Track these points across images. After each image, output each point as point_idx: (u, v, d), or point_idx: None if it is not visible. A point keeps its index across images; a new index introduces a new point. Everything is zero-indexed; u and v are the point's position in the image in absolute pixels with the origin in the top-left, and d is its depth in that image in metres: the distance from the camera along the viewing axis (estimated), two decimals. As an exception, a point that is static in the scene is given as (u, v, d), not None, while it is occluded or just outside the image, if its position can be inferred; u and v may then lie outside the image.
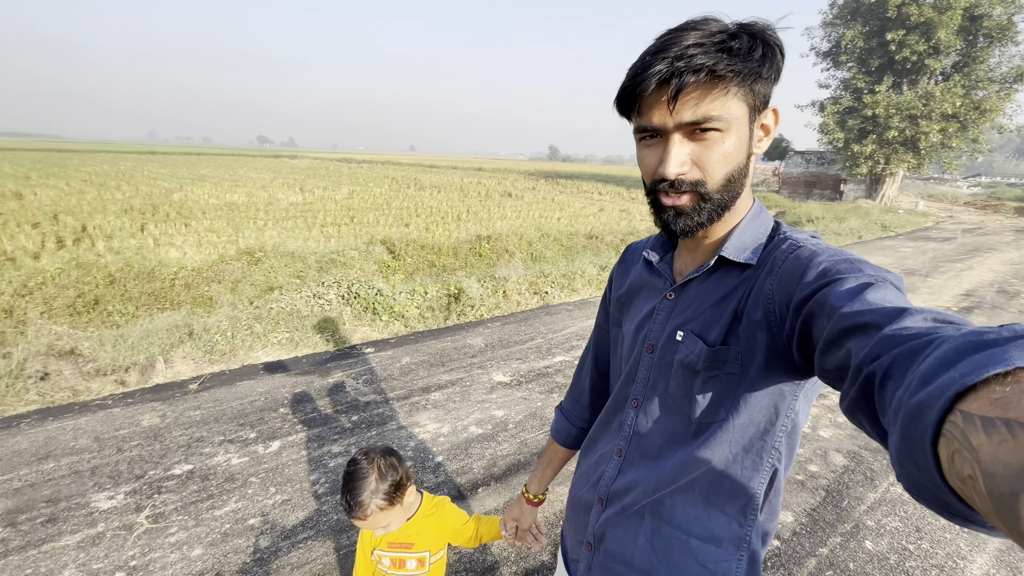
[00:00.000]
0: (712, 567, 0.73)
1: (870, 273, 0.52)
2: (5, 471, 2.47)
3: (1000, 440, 0.26)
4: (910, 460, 0.32)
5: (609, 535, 0.80)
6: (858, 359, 0.43)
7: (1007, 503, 0.25)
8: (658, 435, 0.75)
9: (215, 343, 4.12)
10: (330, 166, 38.87)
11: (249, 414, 3.10)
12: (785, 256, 0.64)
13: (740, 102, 0.60)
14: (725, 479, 0.71)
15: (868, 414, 0.41)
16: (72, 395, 3.39)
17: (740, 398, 0.67)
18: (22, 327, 4.66)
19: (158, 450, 2.69)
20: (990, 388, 0.29)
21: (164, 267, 6.33)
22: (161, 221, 11.17)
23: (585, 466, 0.89)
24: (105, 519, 2.17)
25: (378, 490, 1.00)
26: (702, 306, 0.71)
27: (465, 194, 21.84)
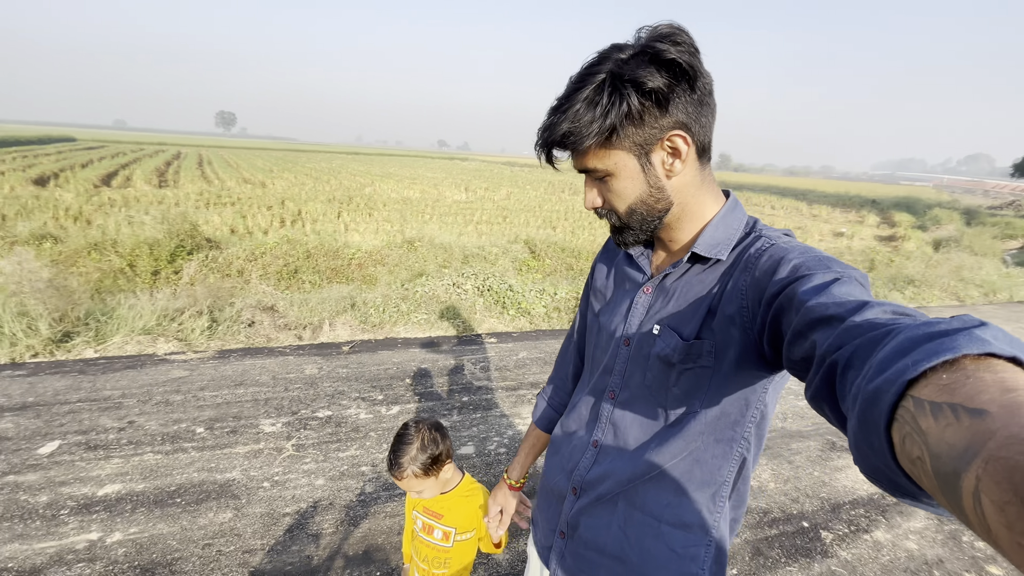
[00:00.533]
0: (681, 551, 0.77)
1: (837, 270, 0.55)
2: (215, 389, 3.27)
3: (946, 423, 0.28)
4: (866, 443, 0.34)
5: (583, 523, 0.83)
6: (822, 349, 0.45)
7: (950, 482, 0.26)
8: (634, 426, 0.78)
9: (369, 315, 4.82)
10: (495, 169, 41.63)
11: (381, 379, 3.57)
12: (759, 253, 0.66)
13: (616, 151, 0.68)
14: (697, 468, 0.74)
15: (830, 402, 0.43)
16: (266, 341, 4.30)
17: (713, 390, 0.70)
18: (244, 285, 6.04)
19: (311, 395, 3.28)
20: (939, 375, 0.31)
21: (347, 248, 7.58)
22: (353, 210, 13.31)
23: (558, 455, 0.91)
24: (265, 440, 2.73)
25: (416, 458, 1.08)
26: (678, 301, 0.74)
27: (618, 200, 21.47)
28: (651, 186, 0.70)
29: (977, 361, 0.31)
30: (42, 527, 2.03)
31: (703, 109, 0.67)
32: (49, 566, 1.85)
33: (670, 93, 0.64)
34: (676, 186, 0.70)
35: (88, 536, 2.00)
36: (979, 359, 0.31)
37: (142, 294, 4.90)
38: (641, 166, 0.68)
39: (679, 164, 0.68)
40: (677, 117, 0.65)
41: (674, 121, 0.65)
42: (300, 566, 1.92)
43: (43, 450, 2.53)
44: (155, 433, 2.73)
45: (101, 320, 4.23)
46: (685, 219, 0.73)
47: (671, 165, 0.69)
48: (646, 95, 0.63)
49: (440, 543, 1.18)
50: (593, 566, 0.82)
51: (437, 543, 1.18)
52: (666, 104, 0.64)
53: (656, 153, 0.68)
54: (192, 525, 2.08)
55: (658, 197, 0.70)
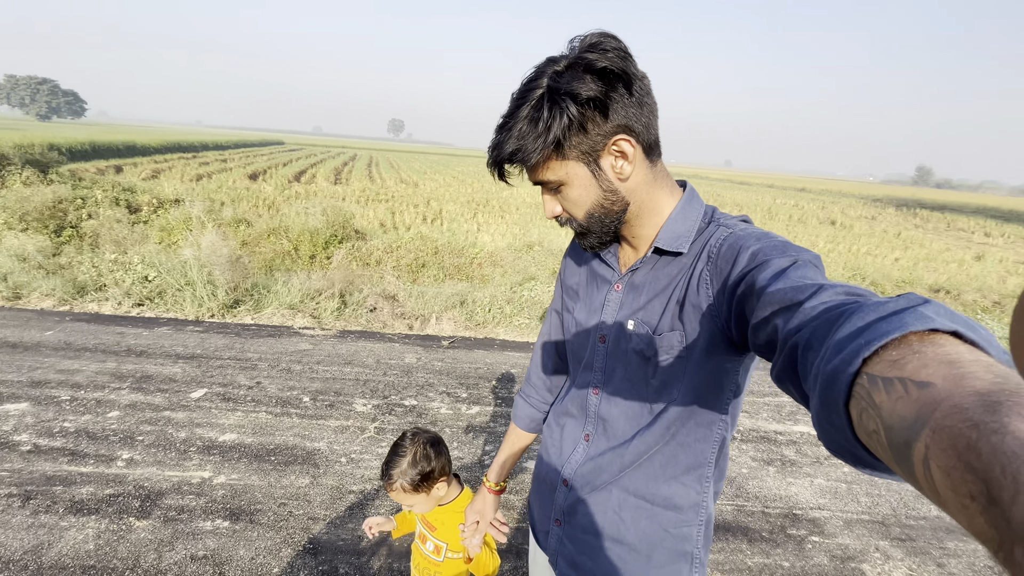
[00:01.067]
0: (674, 531, 0.82)
1: (792, 254, 0.58)
2: (327, 364, 3.67)
3: (897, 397, 0.29)
4: (828, 421, 0.36)
5: (579, 511, 0.86)
6: (783, 332, 0.47)
7: (903, 451, 0.28)
8: (620, 419, 0.81)
9: (474, 313, 4.98)
10: (635, 177, 40.28)
11: (470, 377, 3.65)
12: (719, 243, 0.69)
13: (564, 161, 0.69)
14: (681, 452, 0.79)
15: (794, 382, 0.45)
16: (382, 326, 4.71)
17: (689, 378, 0.73)
18: (380, 274, 6.71)
19: (403, 382, 3.48)
20: (889, 352, 0.33)
21: (472, 247, 7.98)
22: (488, 212, 13.99)
23: (550, 447, 0.93)
24: (354, 418, 2.97)
25: (406, 473, 1.05)
26: (647, 296, 0.76)
27: (771, 216, 19.21)
28: (604, 190, 0.71)
29: (922, 337, 0.32)
30: (174, 459, 2.47)
31: (643, 109, 0.68)
32: (169, 492, 2.23)
33: (607, 99, 0.65)
34: (629, 187, 0.72)
35: (202, 473, 2.37)
36: (924, 335, 0.33)
37: (300, 274, 5.75)
38: (592, 172, 0.70)
39: (628, 166, 0.70)
40: (619, 121, 0.67)
41: (616, 125, 0.67)
42: (350, 544, 2.03)
43: (194, 395, 3.09)
44: (272, 396, 3.15)
45: (262, 293, 5.06)
46: (644, 215, 0.75)
47: (620, 168, 0.70)
48: (584, 104, 0.65)
49: (431, 555, 1.15)
50: (593, 549, 0.85)
51: (429, 555, 1.15)
52: (606, 110, 0.66)
53: (604, 158, 0.70)
54: (276, 483, 2.35)
55: (613, 200, 0.72)
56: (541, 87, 0.66)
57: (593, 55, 0.64)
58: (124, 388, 3.10)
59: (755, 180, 53.84)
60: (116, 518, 2.07)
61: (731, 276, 0.63)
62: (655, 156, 0.73)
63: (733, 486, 2.58)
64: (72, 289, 4.75)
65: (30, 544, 1.91)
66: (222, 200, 11.19)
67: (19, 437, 2.55)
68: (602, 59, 0.64)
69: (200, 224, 7.34)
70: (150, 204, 8.57)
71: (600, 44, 0.65)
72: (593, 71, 0.64)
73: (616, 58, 0.64)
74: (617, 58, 0.64)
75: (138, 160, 20.58)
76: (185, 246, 6.11)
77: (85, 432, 2.63)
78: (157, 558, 1.89)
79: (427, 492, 1.08)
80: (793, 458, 2.88)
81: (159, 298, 4.73)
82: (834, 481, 2.68)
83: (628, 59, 0.66)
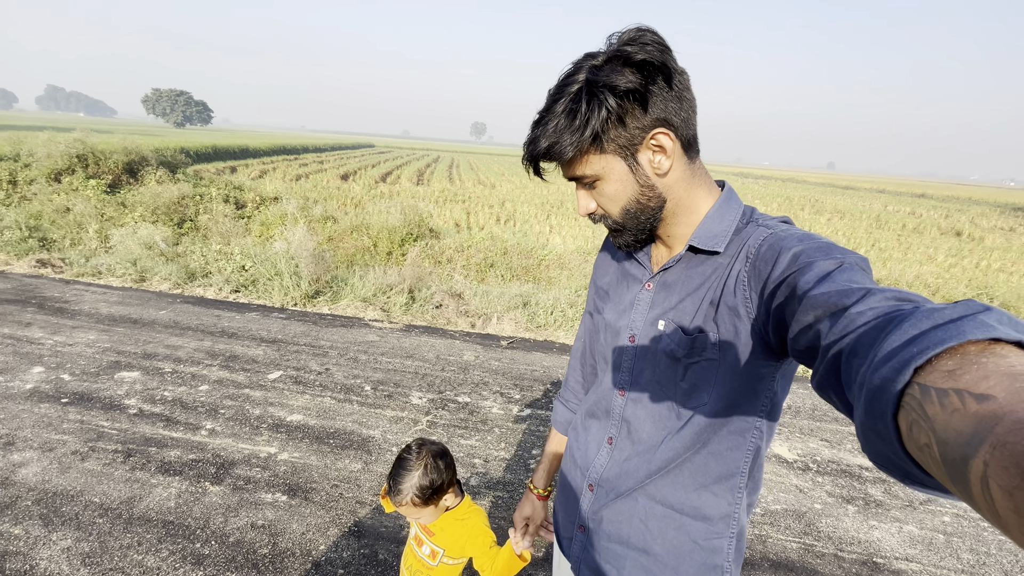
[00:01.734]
0: (704, 544, 0.78)
1: (838, 256, 0.55)
2: (390, 356, 3.84)
3: (953, 409, 0.28)
4: (873, 431, 0.34)
5: (605, 517, 0.83)
6: (827, 338, 0.45)
7: (959, 468, 0.26)
8: (646, 422, 0.78)
9: (536, 315, 4.96)
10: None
11: (525, 379, 3.64)
12: (758, 243, 0.67)
13: (601, 155, 0.68)
14: (712, 460, 0.75)
15: (836, 390, 0.43)
16: (446, 323, 4.84)
17: (721, 382, 0.71)
18: (448, 271, 6.91)
19: (460, 379, 3.55)
20: (944, 361, 0.31)
21: (541, 249, 7.98)
22: (562, 214, 13.91)
23: (575, 450, 0.91)
24: (409, 410, 3.08)
25: (416, 486, 1.03)
26: (680, 295, 0.74)
27: (879, 224, 17.24)
28: (641, 185, 0.70)
29: (982, 346, 0.31)
30: (248, 433, 2.70)
31: (683, 104, 0.66)
32: (239, 463, 2.45)
33: (646, 92, 0.64)
34: (667, 183, 0.70)
35: (269, 449, 2.58)
36: (984, 344, 0.31)
37: (377, 269, 6.08)
38: (629, 167, 0.69)
39: (666, 161, 0.68)
40: (657, 115, 0.65)
41: (655, 119, 0.65)
42: (392, 532, 2.09)
43: (271, 376, 3.37)
44: (338, 382, 3.35)
45: (340, 286, 5.42)
46: (680, 214, 0.73)
47: (658, 162, 0.68)
48: (623, 97, 0.64)
49: (426, 559, 1.13)
50: (619, 558, 0.83)
51: (424, 558, 1.14)
52: (645, 103, 0.64)
53: (642, 153, 0.68)
54: (332, 465, 2.49)
55: (650, 196, 0.71)
56: (578, 81, 0.65)
57: (632, 48, 0.63)
58: (215, 365, 3.46)
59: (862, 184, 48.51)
60: (195, 481, 2.30)
61: (771, 278, 0.61)
62: (693, 153, 0.71)
63: (802, 522, 2.33)
64: (184, 275, 5.40)
65: (125, 496, 2.18)
66: (315, 198, 12.14)
67: (128, 401, 2.93)
68: (641, 52, 0.63)
69: (293, 220, 8.02)
70: (253, 201, 9.52)
71: (639, 38, 0.64)
72: (632, 64, 0.63)
73: (655, 51, 0.63)
74: (656, 51, 0.63)
75: (249, 161, 22.96)
76: (278, 240, 6.71)
77: (179, 402, 2.96)
78: (223, 522, 2.07)
79: (435, 504, 1.07)
80: (880, 498, 2.55)
81: (252, 286, 5.23)
82: (929, 530, 2.33)
83: (667, 52, 0.64)
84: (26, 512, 2.05)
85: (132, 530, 2.00)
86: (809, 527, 2.30)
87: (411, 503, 1.04)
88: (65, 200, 7.88)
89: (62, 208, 7.64)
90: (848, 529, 2.30)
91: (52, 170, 8.98)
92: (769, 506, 2.43)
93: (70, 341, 3.67)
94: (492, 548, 1.08)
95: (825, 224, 15.87)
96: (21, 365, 3.26)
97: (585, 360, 1.01)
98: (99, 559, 1.85)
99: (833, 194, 31.35)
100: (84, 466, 2.35)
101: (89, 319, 4.12)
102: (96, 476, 2.29)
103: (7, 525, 1.97)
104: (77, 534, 1.96)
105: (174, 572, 1.83)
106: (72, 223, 7.16)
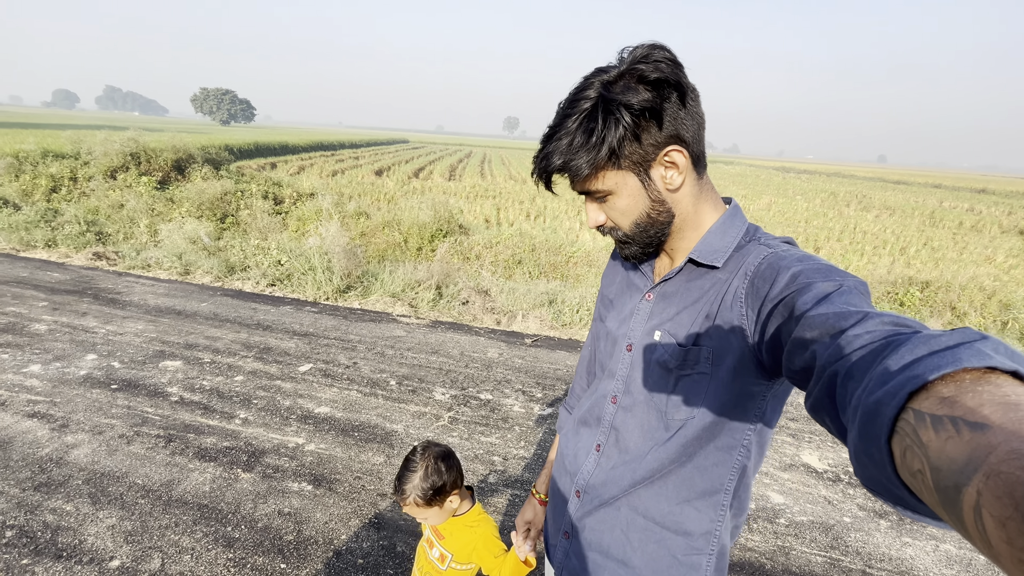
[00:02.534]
0: (683, 559, 0.78)
1: (837, 279, 0.55)
2: (415, 351, 3.91)
3: (947, 436, 0.28)
4: (867, 455, 0.34)
5: (587, 525, 0.85)
6: (822, 360, 0.45)
7: (951, 496, 0.26)
8: (635, 431, 0.79)
9: (562, 313, 4.95)
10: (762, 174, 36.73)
11: (548, 377, 3.64)
12: (758, 261, 0.67)
13: (616, 172, 0.69)
14: (697, 474, 0.75)
15: (831, 412, 0.43)
16: (471, 319, 4.89)
17: (711, 397, 0.71)
18: (476, 268, 6.96)
19: (483, 376, 3.59)
20: (939, 388, 0.31)
21: (570, 246, 7.93)
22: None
23: (565, 456, 0.92)
24: (432, 405, 3.13)
25: (418, 487, 1.07)
26: (678, 307, 0.75)
27: (933, 222, 16.28)
28: (653, 200, 0.71)
29: (978, 375, 0.31)
30: (278, 423, 2.82)
31: (694, 120, 0.68)
32: (268, 452, 2.56)
33: (661, 109, 0.65)
34: (676, 198, 0.72)
35: (297, 439, 2.68)
36: (980, 372, 0.31)
37: (407, 264, 6.20)
38: (641, 182, 0.70)
39: (678, 176, 0.69)
40: (671, 131, 0.66)
41: (669, 136, 0.66)
42: (410, 525, 2.15)
43: (301, 368, 3.50)
44: (365, 376, 3.45)
45: (370, 280, 5.55)
46: (686, 228, 0.75)
47: (671, 178, 0.70)
48: (639, 114, 0.65)
49: (436, 562, 1.16)
50: (598, 568, 0.83)
51: (434, 560, 1.17)
52: (660, 120, 0.65)
53: (655, 168, 0.69)
54: (356, 458, 2.57)
55: (660, 210, 0.72)
56: (591, 98, 0.66)
57: (646, 66, 0.64)
58: (250, 357, 3.62)
59: (916, 178, 45.82)
60: (228, 468, 2.42)
61: (768, 296, 0.61)
62: (702, 168, 0.73)
63: (829, 535, 2.25)
64: (225, 268, 5.65)
65: (165, 479, 2.32)
66: (350, 194, 12.45)
67: (171, 389, 3.11)
68: (655, 70, 0.64)
69: (328, 216, 8.26)
70: (291, 197, 9.84)
71: (651, 55, 0.64)
72: (646, 81, 0.64)
73: (669, 69, 0.64)
74: (670, 69, 0.64)
75: (289, 158, 23.73)
76: (312, 235, 6.92)
77: (216, 391, 3.12)
78: (253, 508, 2.18)
79: (440, 506, 1.10)
80: (915, 514, 2.43)
81: (287, 280, 5.43)
82: (969, 551, 2.21)
83: (680, 69, 0.65)
84: (77, 490, 2.21)
85: (170, 511, 2.13)
86: (836, 541, 2.22)
87: (414, 503, 1.07)
88: (120, 196, 8.37)
89: (117, 204, 8.13)
90: (879, 545, 2.21)
91: (108, 167, 9.54)
92: (794, 517, 2.36)
93: (120, 330, 3.91)
94: (499, 557, 1.10)
95: (873, 221, 15.10)
96: (77, 352, 3.50)
97: (591, 368, 1.01)
98: (139, 537, 1.98)
99: (883, 189, 29.75)
100: (129, 449, 2.51)
101: (138, 310, 4.38)
102: (139, 459, 2.44)
103: (60, 502, 2.14)
104: (121, 513, 2.10)
105: (206, 553, 1.94)
106: (125, 218, 7.60)
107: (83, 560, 1.87)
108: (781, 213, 15.63)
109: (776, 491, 2.54)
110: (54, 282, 4.96)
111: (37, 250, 6.12)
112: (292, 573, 1.88)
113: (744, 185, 24.36)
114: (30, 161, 9.77)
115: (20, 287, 4.74)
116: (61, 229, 6.66)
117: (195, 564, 1.89)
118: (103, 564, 1.86)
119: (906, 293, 6.34)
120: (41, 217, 7.01)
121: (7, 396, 2.90)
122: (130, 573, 1.83)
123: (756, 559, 2.09)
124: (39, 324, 3.92)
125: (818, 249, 10.65)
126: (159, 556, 1.91)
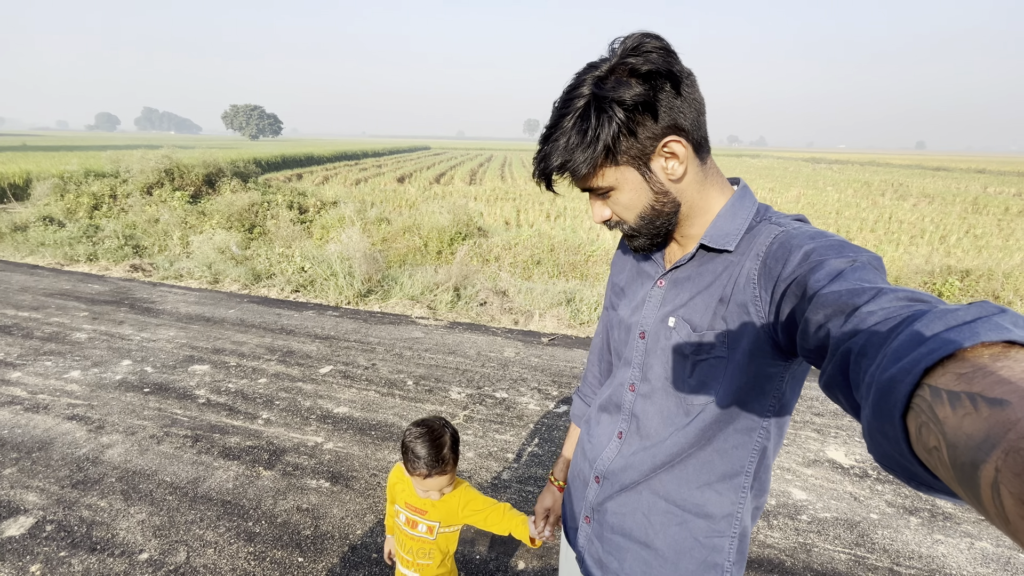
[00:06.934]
0: (704, 541, 0.79)
1: (850, 255, 0.54)
2: (433, 352, 3.96)
3: (964, 413, 0.28)
4: (880, 432, 0.34)
5: (609, 509, 0.86)
6: (836, 337, 0.45)
7: (968, 472, 0.26)
8: (655, 417, 0.79)
9: (579, 312, 4.92)
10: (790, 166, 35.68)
11: (564, 376, 3.63)
12: (769, 240, 0.66)
13: (615, 168, 0.68)
14: (717, 457, 0.76)
15: (844, 390, 0.43)
16: (489, 320, 4.91)
17: (729, 380, 0.71)
18: (495, 269, 7.00)
19: (499, 375, 3.60)
20: (956, 363, 0.30)
21: (589, 245, 7.89)
22: (611, 209, 13.63)
23: (585, 443, 0.93)
24: (447, 404, 3.17)
25: (453, 452, 1.15)
26: (690, 293, 0.75)
27: (976, 208, 15.50)
28: (656, 192, 0.70)
29: (996, 349, 0.30)
30: (298, 423, 2.90)
31: (691, 107, 0.67)
32: (288, 450, 2.64)
33: (655, 101, 0.64)
34: (680, 187, 0.71)
35: (316, 439, 2.75)
36: (998, 347, 0.30)
37: (427, 268, 6.29)
38: (643, 176, 0.69)
39: (679, 166, 0.69)
40: (668, 122, 0.66)
41: (666, 127, 0.66)
42: (424, 521, 2.17)
43: (322, 370, 3.59)
44: (383, 377, 3.51)
45: (391, 284, 5.65)
46: (694, 215, 0.74)
47: (672, 169, 0.69)
48: (632, 109, 0.64)
49: (424, 535, 1.21)
50: (620, 550, 0.84)
51: (421, 535, 1.21)
52: (655, 112, 0.65)
53: (655, 161, 0.69)
54: (372, 456, 2.62)
55: (664, 201, 0.71)
56: (584, 95, 0.65)
57: (636, 58, 0.63)
58: (273, 360, 3.73)
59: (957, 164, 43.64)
60: (250, 466, 2.51)
61: (781, 276, 0.60)
62: (705, 154, 0.72)
63: (855, 532, 2.17)
64: (251, 276, 5.85)
65: (191, 476, 2.42)
66: (372, 201, 12.69)
67: (199, 391, 3.23)
68: (646, 62, 0.63)
69: (350, 223, 8.44)
70: (315, 206, 10.10)
71: (642, 46, 0.63)
72: (638, 75, 0.63)
73: (660, 59, 0.63)
74: (661, 59, 0.63)
75: (314, 168, 24.38)
76: (334, 242, 7.09)
77: (241, 393, 3.23)
78: (273, 504, 2.25)
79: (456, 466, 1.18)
80: (949, 511, 2.31)
81: (310, 286, 5.57)
82: (1008, 548, 2.09)
83: (672, 57, 0.64)
84: (111, 488, 2.32)
85: (196, 507, 2.21)
86: (862, 538, 2.14)
87: (452, 463, 1.14)
88: (155, 211, 8.77)
89: (152, 218, 8.51)
90: (908, 542, 2.12)
91: (145, 184, 10.01)
92: (817, 513, 2.28)
93: (154, 337, 4.09)
94: (494, 506, 1.18)
95: (910, 210, 14.47)
96: (113, 358, 3.68)
97: (603, 356, 1.03)
98: (167, 532, 2.07)
99: (921, 176, 28.48)
100: (159, 449, 2.62)
101: (170, 317, 4.57)
102: (168, 458, 2.55)
103: (95, 498, 2.25)
104: (150, 509, 2.20)
105: (229, 547, 2.01)
106: (160, 231, 7.95)
107: (115, 553, 1.96)
108: (811, 205, 15.14)
109: (798, 487, 2.47)
110: (94, 293, 5.23)
111: (80, 264, 6.46)
112: (309, 567, 1.93)
113: (771, 178, 23.70)
114: (74, 181, 10.34)
115: (63, 299, 5.02)
116: (101, 244, 7.02)
117: (218, 557, 1.96)
118: (133, 556, 1.95)
119: (944, 283, 6.06)
120: (83, 233, 7.40)
121: (49, 400, 3.08)
122: (157, 565, 1.91)
123: (776, 556, 2.04)
124: (80, 333, 4.14)
125: (850, 240, 10.30)
126: (184, 549, 1.99)
